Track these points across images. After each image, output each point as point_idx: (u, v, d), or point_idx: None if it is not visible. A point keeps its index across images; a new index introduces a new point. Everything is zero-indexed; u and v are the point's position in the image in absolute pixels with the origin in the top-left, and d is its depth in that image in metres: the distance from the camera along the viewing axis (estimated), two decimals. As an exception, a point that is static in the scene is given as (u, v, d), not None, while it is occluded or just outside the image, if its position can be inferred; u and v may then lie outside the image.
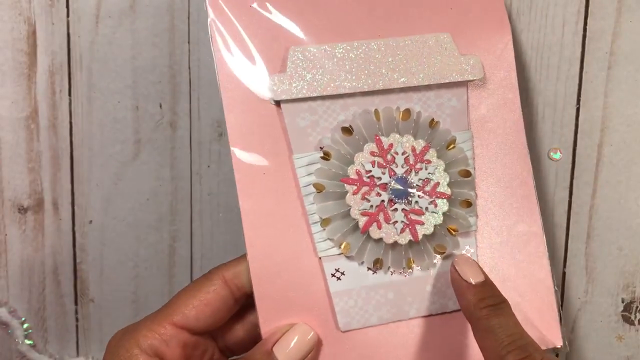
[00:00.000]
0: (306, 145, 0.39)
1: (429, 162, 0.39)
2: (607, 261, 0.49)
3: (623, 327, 0.50)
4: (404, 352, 0.40)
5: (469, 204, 0.40)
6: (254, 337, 0.39)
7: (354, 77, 0.39)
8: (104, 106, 0.48)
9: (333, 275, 0.39)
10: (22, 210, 0.49)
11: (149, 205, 0.49)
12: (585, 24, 0.47)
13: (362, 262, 0.39)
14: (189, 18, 0.47)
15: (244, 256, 0.38)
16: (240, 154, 0.39)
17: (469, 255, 0.41)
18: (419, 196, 0.39)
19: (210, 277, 0.38)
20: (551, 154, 0.49)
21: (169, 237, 0.50)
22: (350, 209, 0.38)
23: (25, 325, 0.50)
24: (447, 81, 0.40)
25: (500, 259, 0.41)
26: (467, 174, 0.40)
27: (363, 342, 0.39)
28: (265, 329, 0.38)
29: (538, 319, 0.41)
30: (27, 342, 0.50)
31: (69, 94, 0.48)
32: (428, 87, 0.40)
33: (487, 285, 0.38)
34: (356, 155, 0.39)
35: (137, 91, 0.48)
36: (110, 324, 0.51)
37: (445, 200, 0.39)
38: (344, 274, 0.39)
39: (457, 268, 0.38)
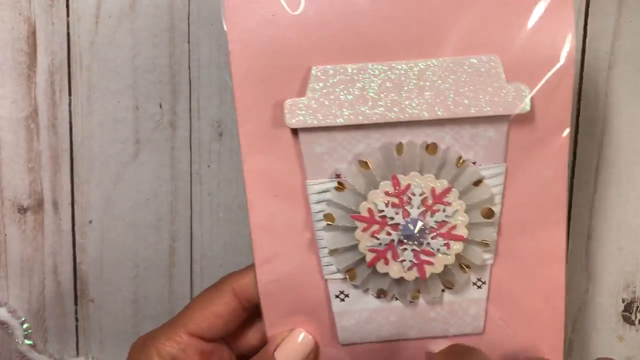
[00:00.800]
0: (321, 172, 0.37)
1: (449, 204, 0.36)
2: (607, 261, 0.50)
3: (623, 327, 0.50)
4: None
5: (486, 244, 0.37)
6: (264, 343, 0.40)
7: (380, 105, 0.36)
8: (103, 106, 0.48)
9: (337, 296, 0.39)
10: (22, 210, 0.49)
11: (149, 205, 0.49)
12: (586, 24, 0.47)
13: (367, 290, 0.39)
14: (189, 18, 0.47)
15: (251, 266, 0.39)
16: (253, 177, 0.37)
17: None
18: (432, 238, 0.37)
19: (221, 287, 0.39)
20: (551, 153, 0.49)
21: (168, 237, 0.50)
22: (358, 244, 0.37)
23: (25, 325, 0.50)
24: (487, 115, 0.36)
25: (512, 288, 0.39)
26: (490, 213, 0.37)
27: (362, 354, 0.40)
28: (270, 336, 0.39)
29: (537, 352, 0.39)
30: (27, 342, 0.50)
31: (69, 94, 0.48)
32: (464, 119, 0.36)
33: None
34: (371, 192, 0.36)
35: (137, 91, 0.48)
36: (110, 324, 0.51)
37: (460, 243, 0.37)
38: (347, 296, 0.39)
39: None
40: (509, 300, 0.39)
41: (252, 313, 0.40)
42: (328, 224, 0.37)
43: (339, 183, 0.37)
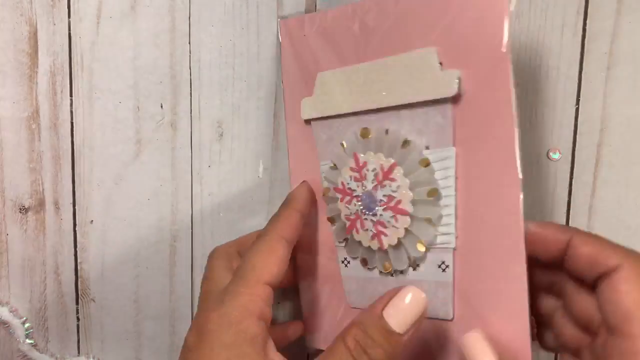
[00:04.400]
0: (326, 155, 0.45)
1: (394, 180, 0.41)
2: (606, 261, 0.49)
3: (623, 327, 0.50)
4: None
5: (429, 221, 0.40)
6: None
7: (355, 99, 0.43)
8: (105, 106, 0.48)
9: (342, 262, 0.45)
10: (24, 210, 0.49)
11: (150, 205, 0.49)
12: (585, 24, 0.48)
13: (356, 257, 0.44)
14: (189, 18, 0.47)
15: (287, 208, 0.44)
16: (293, 160, 0.47)
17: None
18: (383, 210, 0.41)
19: (271, 236, 0.41)
20: (550, 154, 0.49)
21: (169, 237, 0.50)
22: (340, 213, 0.44)
23: (26, 325, 0.50)
24: (424, 99, 0.40)
25: (477, 277, 0.40)
26: (434, 192, 0.40)
27: None
28: (306, 309, 0.47)
29: (505, 342, 0.38)
30: (29, 341, 0.50)
31: (70, 94, 0.48)
32: (417, 104, 0.40)
33: None
34: (342, 168, 0.44)
35: (138, 91, 0.48)
36: (111, 323, 0.51)
37: (406, 217, 0.40)
38: (349, 263, 0.45)
39: (467, 354, 0.36)
40: (473, 287, 0.40)
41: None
42: (323, 196, 0.45)
43: (333, 163, 0.45)
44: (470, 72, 0.39)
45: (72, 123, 0.48)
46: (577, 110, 0.48)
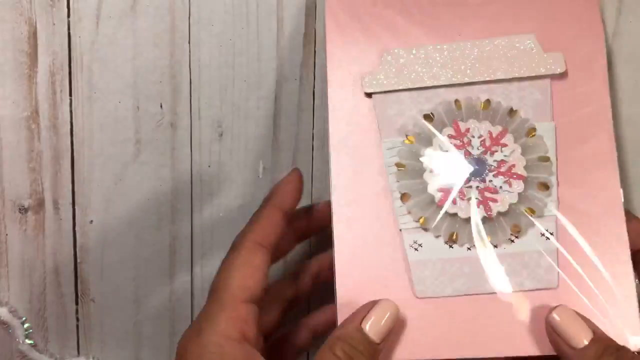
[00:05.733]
0: (393, 132, 0.43)
1: (506, 145, 0.42)
2: (607, 261, 0.49)
3: (623, 327, 0.50)
4: (476, 325, 0.41)
5: (546, 186, 0.41)
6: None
7: (440, 75, 0.43)
8: (104, 106, 0.48)
9: (411, 246, 0.42)
10: (23, 210, 0.49)
11: (150, 205, 0.49)
12: (585, 24, 0.47)
13: (439, 236, 0.42)
14: (189, 18, 0.47)
15: (260, 215, 0.42)
16: (336, 136, 0.43)
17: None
18: (493, 175, 0.41)
19: (245, 244, 0.40)
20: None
21: (169, 237, 0.50)
22: (427, 185, 0.42)
23: (25, 325, 0.50)
24: (528, 75, 0.42)
25: (579, 243, 0.41)
26: (546, 159, 0.42)
27: (437, 310, 0.41)
28: (342, 300, 0.41)
29: (611, 307, 0.41)
30: (28, 341, 0.50)
31: (70, 94, 0.48)
32: (510, 81, 0.43)
33: (601, 339, 0.38)
34: (434, 137, 0.42)
35: (138, 91, 0.48)
36: (110, 323, 0.51)
37: (520, 182, 0.41)
38: (421, 246, 0.42)
39: (558, 330, 0.39)
40: (577, 254, 0.41)
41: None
42: (399, 170, 0.42)
43: (408, 136, 0.43)
44: (567, 54, 0.43)
45: (71, 123, 0.48)
46: (577, 110, 0.48)
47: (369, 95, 0.43)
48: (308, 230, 0.47)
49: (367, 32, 0.44)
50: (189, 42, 0.48)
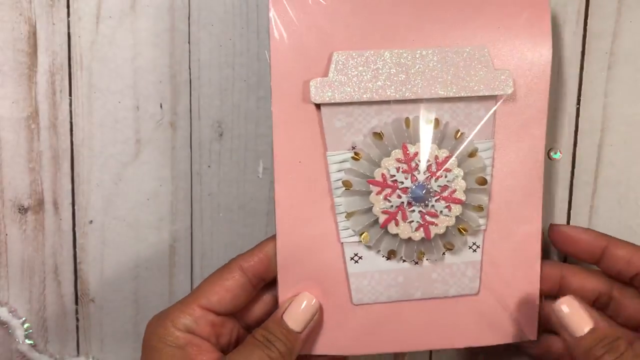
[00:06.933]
0: (340, 144, 0.43)
1: (449, 170, 0.43)
2: (607, 261, 0.49)
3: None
4: (407, 328, 0.45)
5: (481, 208, 0.43)
6: (270, 314, 0.44)
7: (390, 85, 0.42)
8: (104, 106, 0.48)
9: (352, 258, 0.44)
10: (23, 210, 0.49)
11: (149, 205, 0.49)
12: (585, 24, 0.48)
13: (379, 251, 0.44)
14: (189, 18, 0.47)
15: (258, 246, 0.44)
16: (280, 144, 0.42)
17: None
18: (435, 200, 0.43)
19: (230, 266, 0.43)
20: (551, 153, 0.49)
21: (169, 237, 0.50)
22: (372, 206, 0.43)
23: (25, 325, 0.50)
24: (478, 95, 0.43)
25: (500, 254, 0.45)
26: (483, 181, 0.43)
27: (372, 315, 0.45)
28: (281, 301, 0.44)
29: (518, 311, 0.45)
30: (28, 341, 0.50)
31: (70, 94, 0.48)
32: (459, 98, 0.43)
33: (598, 330, 0.41)
34: (383, 160, 0.42)
35: (138, 91, 0.48)
36: (110, 323, 0.51)
37: (459, 206, 0.43)
38: (361, 258, 0.44)
39: (561, 319, 0.42)
40: (497, 265, 0.45)
41: (259, 289, 0.45)
42: (345, 189, 0.43)
43: (355, 153, 0.43)
44: (514, 72, 0.43)
45: (71, 123, 0.48)
46: (577, 110, 0.49)
47: (317, 105, 0.42)
48: None
49: (316, 31, 0.42)
50: (189, 42, 0.48)
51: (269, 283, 0.45)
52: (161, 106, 0.48)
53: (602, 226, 0.49)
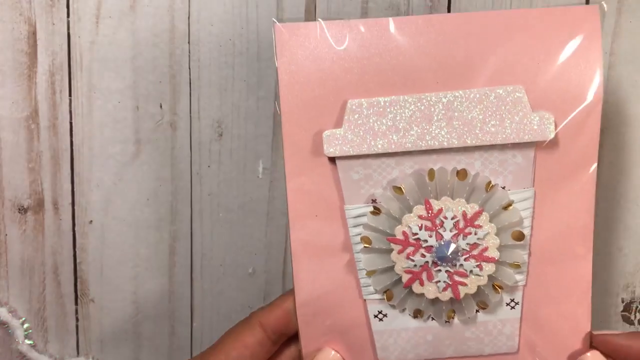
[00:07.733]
0: (358, 198, 0.40)
1: (480, 227, 0.38)
2: (607, 261, 0.49)
3: (623, 327, 0.50)
4: None
5: (517, 266, 0.39)
6: None
7: (412, 135, 0.38)
8: (104, 106, 0.48)
9: (376, 316, 0.41)
10: (22, 210, 0.49)
11: (149, 205, 0.49)
12: (585, 24, 0.47)
13: (404, 310, 0.40)
14: (189, 18, 0.47)
15: (278, 299, 0.42)
16: (294, 198, 0.40)
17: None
18: (464, 259, 0.38)
19: (249, 321, 0.41)
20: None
21: (169, 237, 0.50)
22: (394, 265, 0.39)
23: (25, 325, 0.50)
24: (513, 142, 0.38)
25: (543, 311, 0.41)
26: (520, 236, 0.39)
27: None
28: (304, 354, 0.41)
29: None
30: (27, 342, 0.50)
31: (69, 94, 0.48)
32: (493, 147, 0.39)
33: None
34: (405, 216, 0.38)
35: (138, 91, 0.48)
36: (110, 324, 0.51)
37: (492, 264, 0.39)
38: (386, 316, 0.40)
39: None
40: (540, 322, 0.40)
41: (280, 344, 0.43)
42: (365, 247, 0.39)
43: (375, 207, 0.39)
44: (557, 115, 0.38)
45: (71, 123, 0.48)
46: (577, 110, 0.48)
47: (331, 158, 0.39)
48: None
49: (329, 78, 0.38)
50: (189, 42, 0.48)
51: (291, 337, 0.43)
52: (161, 106, 0.48)
53: (602, 226, 0.49)
